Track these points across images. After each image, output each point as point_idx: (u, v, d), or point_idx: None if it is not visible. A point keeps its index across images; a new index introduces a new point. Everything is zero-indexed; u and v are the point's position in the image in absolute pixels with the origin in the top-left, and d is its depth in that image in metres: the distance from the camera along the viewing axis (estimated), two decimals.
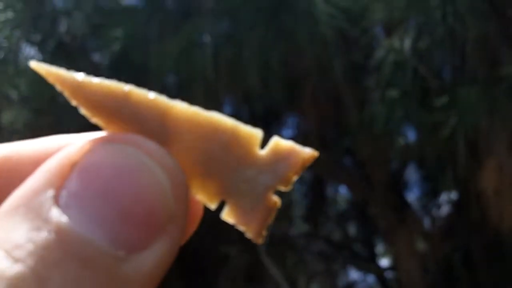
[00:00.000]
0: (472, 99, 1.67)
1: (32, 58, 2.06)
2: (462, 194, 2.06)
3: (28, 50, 2.04)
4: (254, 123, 0.18)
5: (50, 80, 0.17)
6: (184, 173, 0.17)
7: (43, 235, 0.15)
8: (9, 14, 1.95)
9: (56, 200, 0.15)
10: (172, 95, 0.18)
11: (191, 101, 0.18)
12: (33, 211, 0.15)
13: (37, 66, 0.17)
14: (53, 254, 0.14)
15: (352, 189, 2.25)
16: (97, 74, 0.18)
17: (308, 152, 0.18)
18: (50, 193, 0.15)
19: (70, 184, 0.16)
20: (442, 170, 1.92)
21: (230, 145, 0.18)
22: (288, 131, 2.23)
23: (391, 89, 1.77)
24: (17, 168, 0.19)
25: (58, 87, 0.17)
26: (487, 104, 1.66)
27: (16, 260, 0.14)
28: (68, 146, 0.17)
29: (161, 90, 0.23)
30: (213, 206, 0.18)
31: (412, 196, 2.27)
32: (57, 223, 0.15)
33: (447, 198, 2.28)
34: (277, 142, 0.18)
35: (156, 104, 0.17)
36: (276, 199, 0.18)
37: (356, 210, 2.45)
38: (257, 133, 0.18)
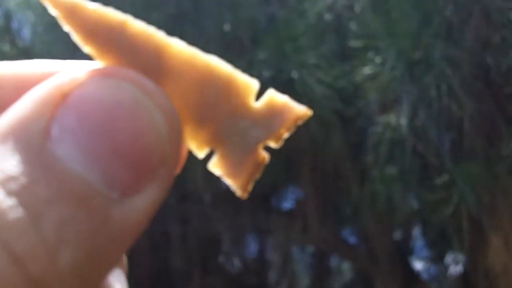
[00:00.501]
0: (473, 176, 1.64)
1: None
2: (469, 268, 2.01)
3: None
4: (253, 198, 0.16)
5: None
6: (179, 116, 0.16)
7: (36, 170, 0.14)
8: None
9: (48, 133, 0.14)
10: None
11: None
12: (24, 142, 0.14)
13: None
14: (47, 190, 0.14)
15: (356, 262, 2.20)
16: None
17: (302, 109, 0.18)
18: (41, 124, 0.14)
19: (63, 117, 0.14)
20: (448, 241, 1.88)
21: (226, 92, 0.17)
22: (288, 204, 2.20)
23: (389, 166, 1.74)
24: None
25: (51, 8, 0.16)
26: (489, 181, 1.63)
27: (10, 192, 0.13)
28: (59, 74, 0.15)
29: None
30: (201, 154, 0.18)
31: (419, 264, 2.21)
32: (51, 159, 0.14)
33: (454, 262, 2.22)
34: (272, 95, 0.18)
35: (153, 39, 0.16)
36: (265, 154, 0.18)
37: (362, 281, 2.39)
38: (253, 84, 0.17)
